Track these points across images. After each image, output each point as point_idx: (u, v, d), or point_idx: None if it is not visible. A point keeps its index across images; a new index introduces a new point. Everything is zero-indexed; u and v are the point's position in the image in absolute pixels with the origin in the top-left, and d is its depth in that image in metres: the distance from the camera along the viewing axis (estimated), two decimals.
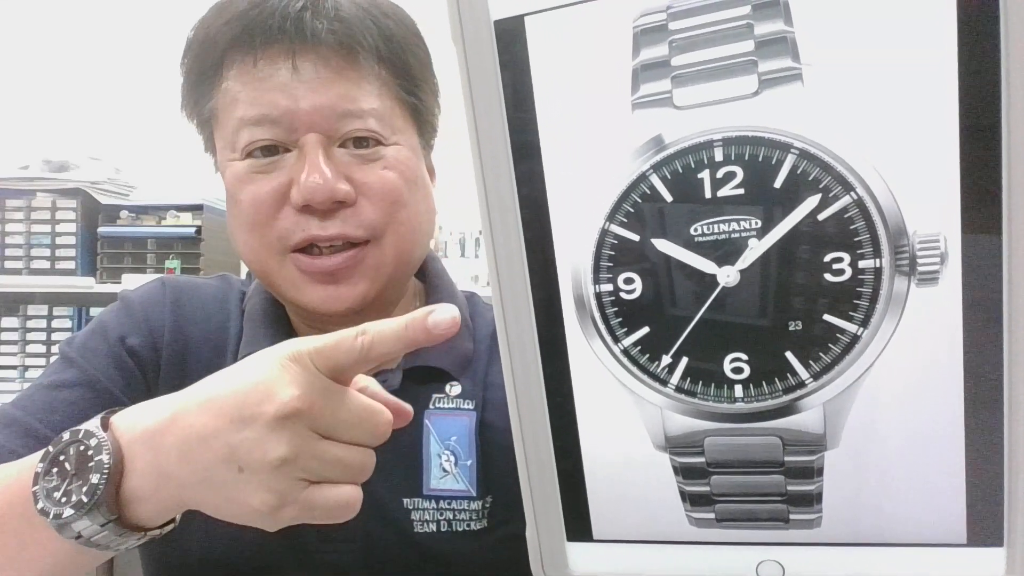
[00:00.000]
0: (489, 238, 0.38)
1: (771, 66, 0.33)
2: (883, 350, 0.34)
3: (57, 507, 0.42)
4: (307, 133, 0.60)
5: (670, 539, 0.39)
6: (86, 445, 0.43)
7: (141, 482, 0.42)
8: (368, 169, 0.62)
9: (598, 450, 0.39)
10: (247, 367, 0.42)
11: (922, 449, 0.34)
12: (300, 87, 0.59)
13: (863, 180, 0.33)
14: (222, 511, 0.42)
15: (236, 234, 0.65)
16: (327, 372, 0.42)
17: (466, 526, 0.65)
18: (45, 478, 0.43)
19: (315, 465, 0.41)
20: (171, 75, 0.69)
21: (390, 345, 0.42)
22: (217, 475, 0.41)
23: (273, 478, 0.40)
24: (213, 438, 0.40)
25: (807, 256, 0.34)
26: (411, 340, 0.43)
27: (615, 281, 0.37)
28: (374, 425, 0.44)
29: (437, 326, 0.42)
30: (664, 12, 0.34)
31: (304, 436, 0.40)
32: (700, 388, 0.36)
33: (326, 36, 0.59)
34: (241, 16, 0.60)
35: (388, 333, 0.42)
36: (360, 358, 0.42)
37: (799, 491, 0.36)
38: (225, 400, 0.41)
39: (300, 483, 0.41)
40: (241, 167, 0.62)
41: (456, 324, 0.43)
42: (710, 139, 0.34)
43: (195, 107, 0.66)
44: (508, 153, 0.37)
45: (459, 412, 0.67)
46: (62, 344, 0.68)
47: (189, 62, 0.65)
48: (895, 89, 0.32)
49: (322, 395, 0.41)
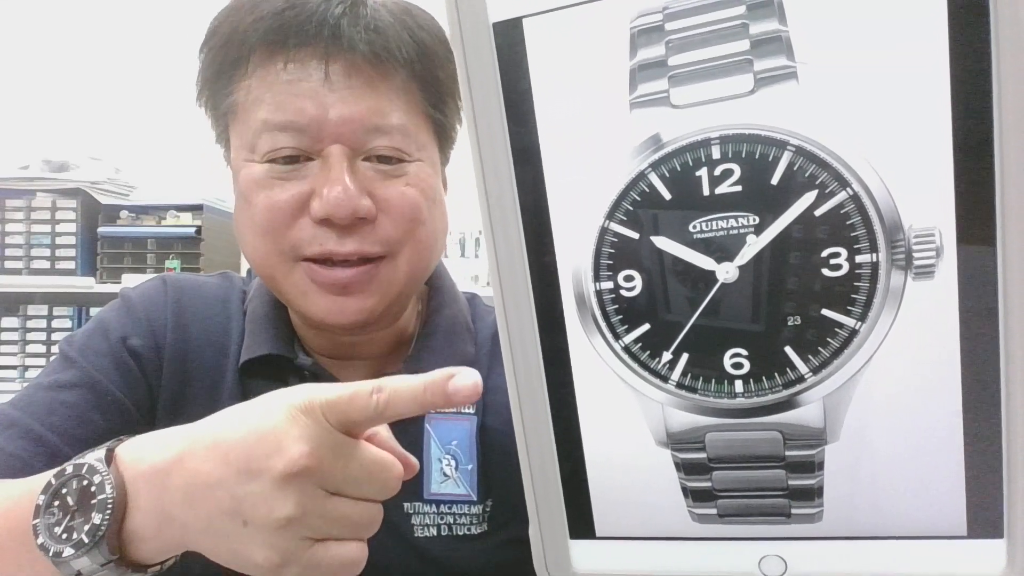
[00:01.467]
0: (490, 238, 0.38)
1: (766, 65, 0.33)
2: (881, 344, 0.34)
3: (58, 545, 0.41)
4: (332, 144, 0.58)
5: (672, 535, 0.39)
6: (89, 480, 0.41)
7: (144, 521, 0.41)
8: (390, 185, 0.60)
9: (600, 447, 0.39)
10: (257, 413, 0.41)
11: (921, 442, 0.35)
12: (330, 96, 0.57)
13: (859, 176, 0.33)
14: (224, 560, 0.41)
15: (245, 236, 0.63)
16: (339, 427, 0.40)
17: (466, 530, 0.65)
18: (46, 512, 0.42)
19: (321, 524, 0.40)
20: (172, 75, 0.69)
21: (406, 406, 0.41)
22: (221, 526, 0.39)
23: (278, 536, 0.39)
24: (219, 487, 0.39)
25: (804, 251, 0.34)
26: (428, 404, 0.41)
27: (615, 279, 0.37)
28: (384, 481, 0.42)
29: (458, 392, 0.41)
30: (660, 13, 0.34)
31: (311, 495, 0.39)
32: (701, 384, 0.37)
33: (362, 46, 0.57)
34: (276, 15, 0.58)
35: (405, 393, 0.41)
36: (374, 416, 0.40)
37: (800, 485, 0.36)
38: (232, 448, 0.40)
39: (305, 542, 0.39)
40: (259, 170, 0.60)
41: (477, 392, 0.41)
42: (707, 137, 0.34)
43: (212, 99, 0.64)
44: (508, 153, 0.37)
45: (460, 416, 0.67)
46: (62, 343, 0.67)
47: (212, 53, 0.62)
48: (889, 86, 0.32)
49: (332, 451, 0.40)
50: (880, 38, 0.32)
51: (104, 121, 2.56)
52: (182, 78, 0.73)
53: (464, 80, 0.36)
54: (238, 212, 0.65)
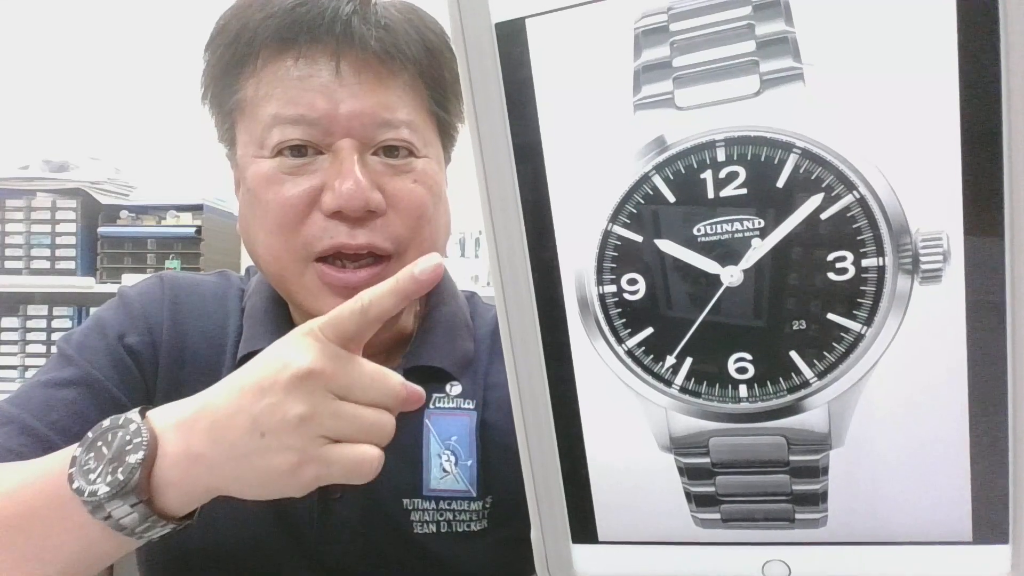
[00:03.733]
0: (492, 240, 0.38)
1: (772, 66, 0.33)
2: (887, 349, 0.34)
3: (92, 486, 0.44)
4: (343, 138, 0.59)
5: (675, 540, 0.39)
6: (125, 430, 0.45)
7: (172, 468, 0.44)
8: (399, 181, 0.61)
9: (603, 451, 0.39)
10: (267, 350, 0.46)
11: (927, 447, 0.34)
12: (341, 91, 0.59)
13: (865, 179, 0.33)
14: (249, 484, 0.44)
15: (256, 236, 0.63)
16: (336, 340, 0.45)
17: (466, 527, 0.65)
18: (83, 460, 0.45)
19: (333, 423, 0.43)
20: (172, 75, 0.69)
21: (386, 300, 0.45)
22: (242, 446, 0.43)
23: (293, 436, 0.42)
24: (238, 413, 0.43)
25: (810, 255, 0.34)
26: (403, 291, 0.46)
27: (618, 282, 0.37)
28: (387, 386, 0.46)
29: (424, 272, 0.45)
30: (665, 13, 0.34)
31: (321, 395, 0.43)
32: (705, 388, 0.36)
33: (372, 43, 0.59)
34: (287, 12, 0.59)
35: (383, 291, 0.46)
36: (362, 319, 0.45)
37: (804, 490, 0.36)
38: (247, 379, 0.44)
39: (319, 440, 0.43)
40: (268, 166, 0.60)
41: (440, 269, 0.46)
42: (712, 139, 0.34)
43: (219, 96, 0.65)
44: (510, 155, 0.36)
45: (459, 412, 0.67)
46: (59, 341, 0.67)
47: (220, 50, 0.63)
48: (896, 88, 0.32)
49: (334, 359, 0.44)
50: (887, 39, 0.32)
51: (104, 121, 2.56)
52: (182, 78, 0.73)
53: (466, 81, 0.36)
54: (246, 211, 0.65)
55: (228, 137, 0.67)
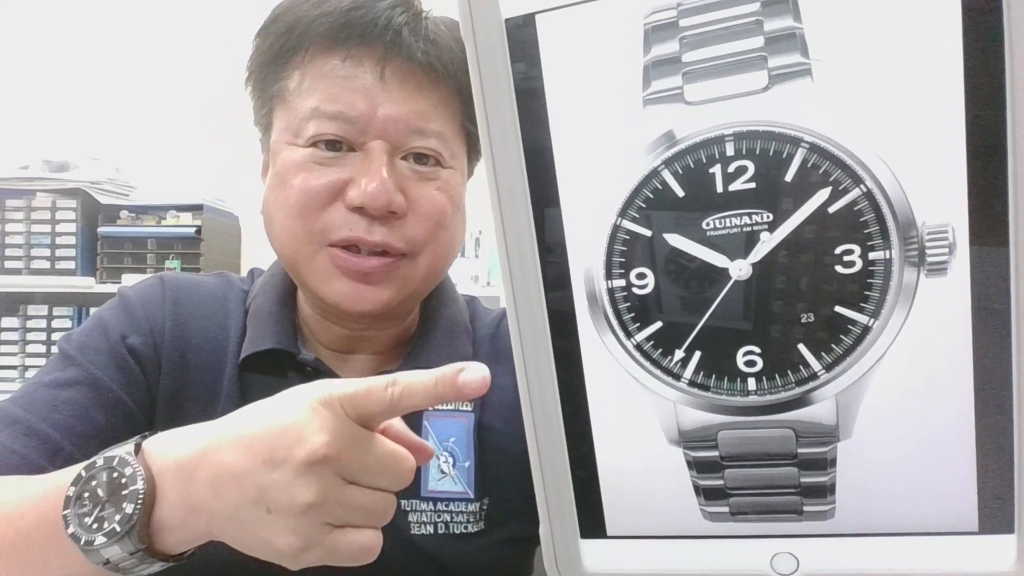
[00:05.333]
0: (501, 235, 0.38)
1: (781, 62, 0.33)
2: (894, 341, 0.34)
3: (89, 534, 0.42)
4: (376, 139, 0.61)
5: (684, 534, 0.39)
6: (120, 472, 0.43)
7: (171, 512, 0.43)
8: (423, 187, 0.63)
9: (611, 446, 0.39)
10: (279, 407, 0.43)
11: (933, 438, 0.35)
12: (381, 95, 0.61)
13: (872, 173, 0.33)
14: (247, 547, 0.42)
15: (276, 217, 0.65)
16: (356, 419, 0.42)
17: (463, 528, 0.65)
18: (77, 503, 0.44)
19: (340, 511, 0.41)
20: (172, 75, 0.69)
21: (419, 399, 0.43)
22: (246, 514, 0.41)
23: (299, 522, 0.40)
24: (244, 477, 0.41)
25: (818, 249, 0.34)
26: (440, 396, 0.43)
27: (627, 276, 0.37)
28: (398, 472, 0.44)
29: (467, 385, 0.43)
30: (675, 9, 0.34)
31: (331, 482, 0.41)
32: (713, 382, 0.37)
33: (419, 54, 0.61)
34: (342, 12, 0.61)
35: (418, 387, 0.43)
36: (389, 409, 0.42)
37: (812, 483, 0.36)
38: (256, 439, 0.41)
39: (325, 527, 0.41)
40: (301, 154, 0.62)
41: (486, 385, 0.43)
42: (721, 134, 0.34)
43: (262, 82, 0.67)
44: (519, 150, 0.37)
45: (458, 414, 0.67)
46: (60, 341, 0.67)
47: (271, 38, 0.65)
48: (902, 83, 0.32)
49: (350, 442, 0.41)
50: (894, 35, 0.32)
51: (104, 121, 2.55)
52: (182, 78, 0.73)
53: (476, 76, 0.36)
54: (271, 193, 0.66)
55: (265, 122, 0.68)
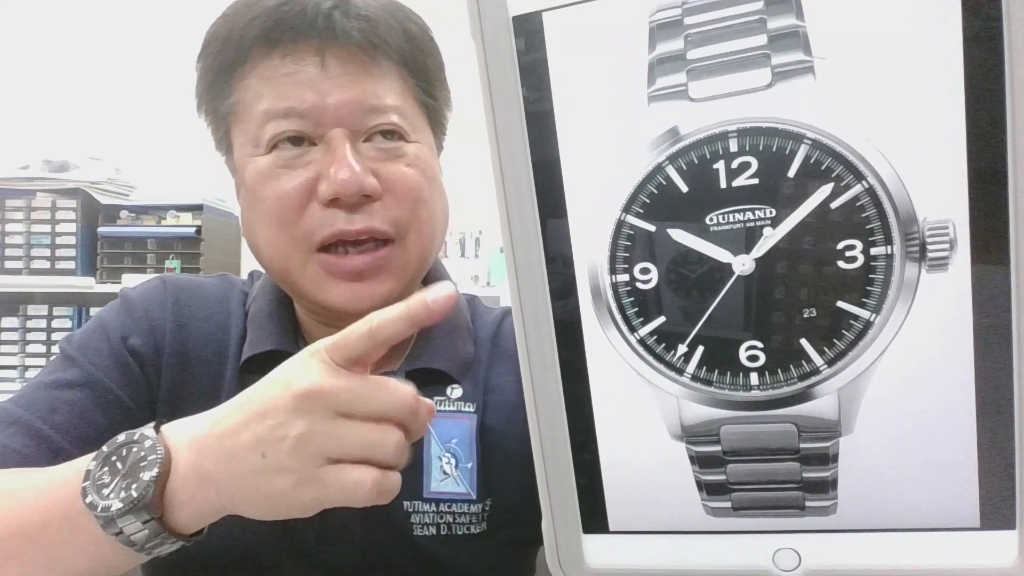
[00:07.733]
0: (507, 229, 0.38)
1: (784, 59, 0.34)
2: (895, 336, 0.34)
3: (105, 501, 0.44)
4: (333, 128, 0.60)
5: (686, 529, 0.39)
6: (140, 446, 0.45)
7: (183, 485, 0.44)
8: (392, 166, 0.62)
9: (614, 441, 0.39)
10: (276, 370, 0.45)
11: (935, 434, 0.35)
12: (327, 83, 0.60)
13: (874, 169, 0.33)
14: (255, 504, 0.44)
15: (258, 232, 0.64)
16: (342, 362, 0.44)
17: (466, 529, 0.65)
18: (97, 475, 0.45)
19: (333, 443, 0.42)
20: (171, 75, 0.69)
21: (396, 324, 0.44)
22: (246, 465, 0.43)
23: (291, 457, 0.42)
24: (243, 431, 0.43)
25: (820, 244, 0.35)
26: (414, 317, 0.44)
27: (631, 271, 0.37)
28: (394, 396, 0.44)
29: (436, 302, 0.44)
30: (679, 7, 0.35)
31: (320, 415, 0.42)
32: (716, 376, 0.37)
33: (355, 35, 0.60)
34: (270, 12, 0.60)
35: (392, 314, 0.44)
36: (369, 342, 0.44)
37: (815, 478, 0.36)
38: (255, 398, 0.44)
39: (317, 460, 0.42)
40: (265, 162, 0.62)
41: (453, 299, 0.45)
42: (725, 130, 0.35)
43: (212, 103, 0.66)
44: (526, 146, 0.37)
45: (460, 415, 0.67)
46: (62, 341, 0.67)
47: (210, 58, 0.64)
48: (903, 80, 0.33)
49: (336, 376, 0.43)
50: (895, 33, 0.33)
51: (104, 121, 2.55)
52: (182, 78, 0.73)
53: (483, 73, 0.37)
54: (247, 210, 0.65)
55: (224, 144, 0.67)
